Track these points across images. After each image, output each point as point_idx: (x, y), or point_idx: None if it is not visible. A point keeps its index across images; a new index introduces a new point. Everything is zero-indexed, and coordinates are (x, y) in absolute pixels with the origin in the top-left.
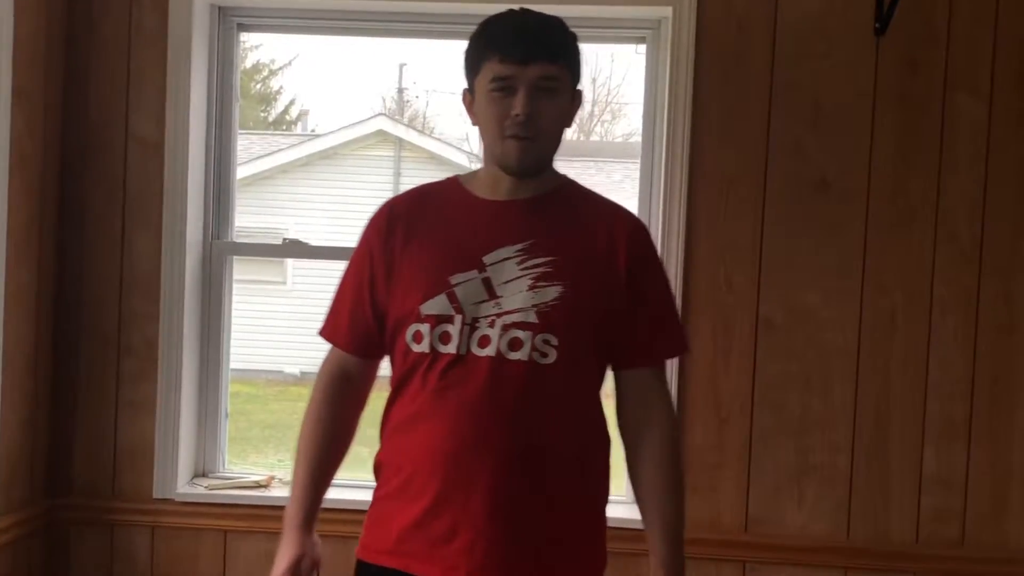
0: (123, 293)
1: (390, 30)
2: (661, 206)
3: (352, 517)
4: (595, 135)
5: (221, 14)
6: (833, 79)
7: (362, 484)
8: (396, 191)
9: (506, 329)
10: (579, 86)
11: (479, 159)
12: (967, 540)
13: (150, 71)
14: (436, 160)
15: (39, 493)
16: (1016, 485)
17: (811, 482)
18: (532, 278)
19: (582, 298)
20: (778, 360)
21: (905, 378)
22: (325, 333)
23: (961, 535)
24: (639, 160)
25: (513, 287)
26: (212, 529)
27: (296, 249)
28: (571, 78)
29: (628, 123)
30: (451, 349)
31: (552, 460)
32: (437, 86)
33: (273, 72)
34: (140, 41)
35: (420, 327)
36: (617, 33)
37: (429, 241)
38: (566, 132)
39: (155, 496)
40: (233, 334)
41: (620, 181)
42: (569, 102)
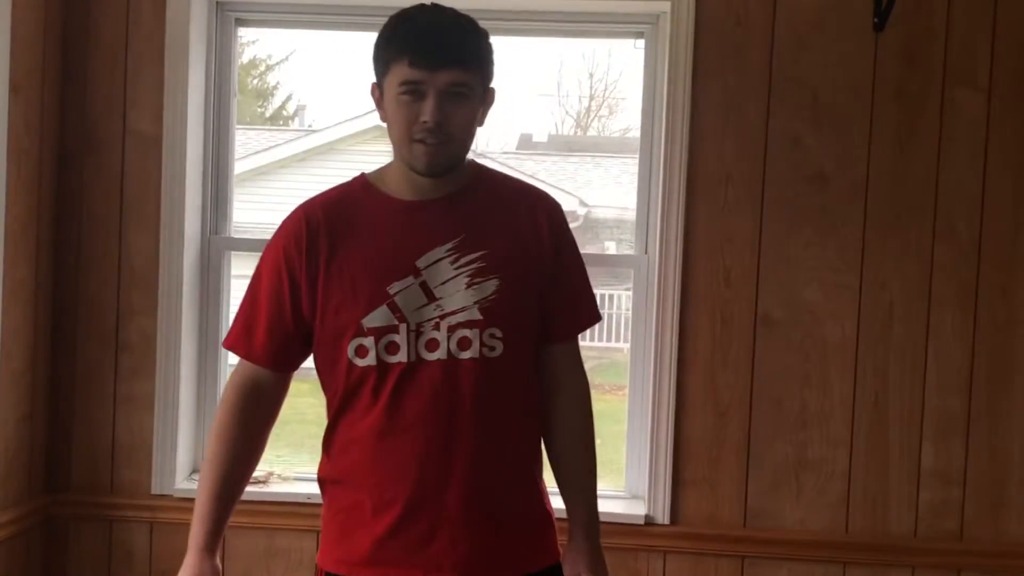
0: (121, 288)
1: None
2: (660, 201)
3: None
4: (592, 130)
5: (219, 9)
6: (832, 74)
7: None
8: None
9: (452, 330)
10: (491, 84)
11: (473, 153)
12: (966, 534)
13: (148, 66)
14: None
15: (37, 489)
16: (1014, 479)
17: (810, 476)
18: (468, 275)
19: (518, 287)
20: (777, 354)
21: (903, 372)
22: (237, 348)
23: (960, 529)
24: (637, 155)
25: (451, 287)
26: None
27: None
28: (482, 81)
29: (626, 118)
30: (401, 358)
31: (509, 444)
32: None
33: (270, 67)
34: (138, 36)
35: (363, 341)
36: (616, 28)
37: (357, 251)
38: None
39: (153, 492)
40: None
41: (617, 176)
42: (480, 105)
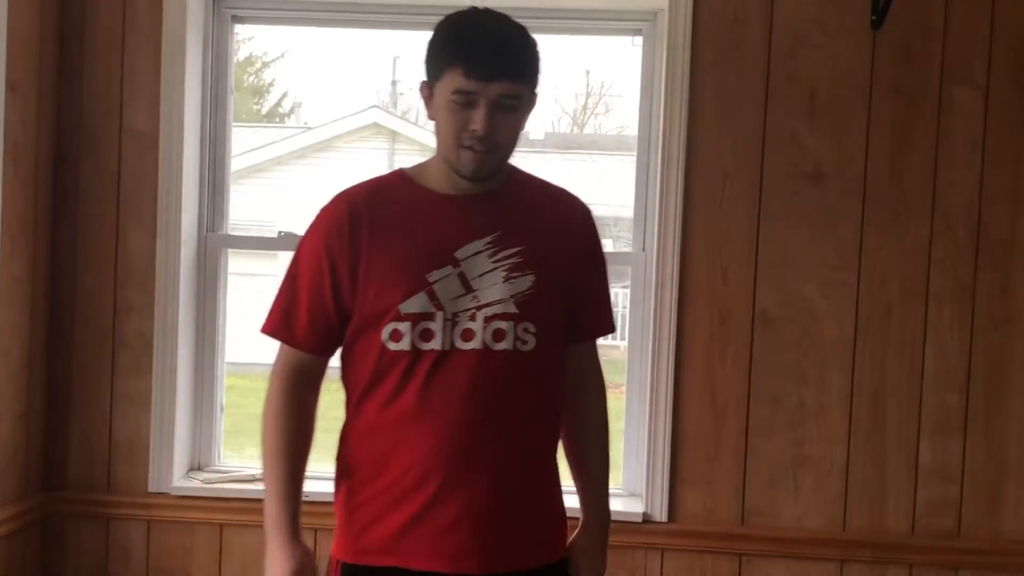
0: (118, 286)
1: (384, 22)
2: (657, 198)
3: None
4: (589, 127)
5: (215, 6)
6: (830, 71)
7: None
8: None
9: (488, 321)
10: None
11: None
12: (963, 531)
13: (144, 63)
14: (431, 152)
15: (34, 487)
16: (1011, 476)
17: (807, 474)
18: (505, 269)
19: (553, 284)
20: (774, 352)
21: (901, 369)
22: (277, 334)
23: (957, 526)
24: (634, 152)
25: (488, 279)
26: (208, 523)
27: (292, 242)
28: (531, 90)
29: (622, 115)
30: (435, 346)
31: (536, 437)
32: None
33: (266, 64)
34: (134, 33)
35: (399, 325)
36: (613, 25)
37: (397, 239)
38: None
39: (150, 490)
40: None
41: (614, 174)
42: (526, 115)
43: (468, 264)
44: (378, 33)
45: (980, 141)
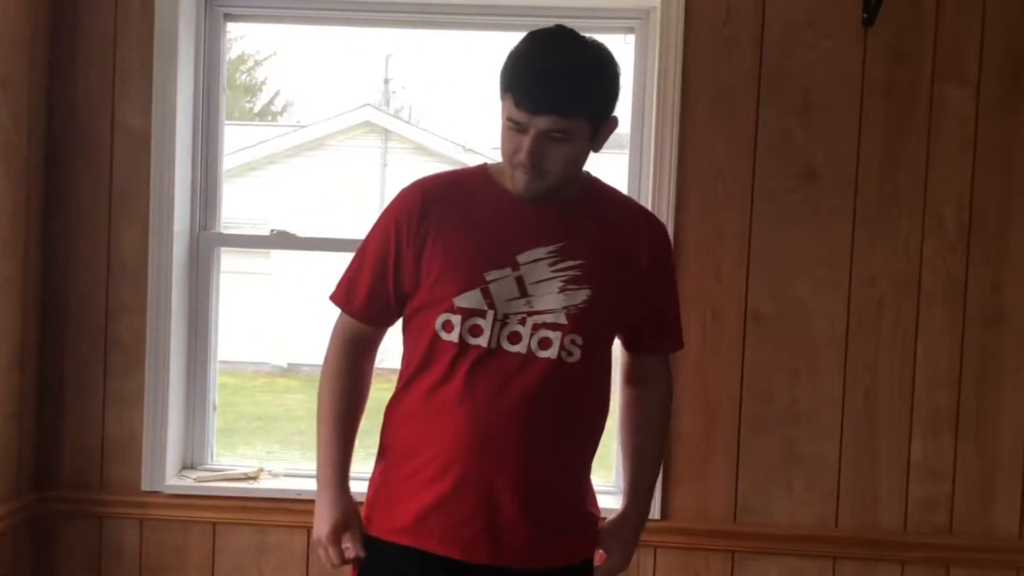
0: (110, 285)
1: (377, 20)
2: (650, 197)
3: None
4: None
5: (207, 4)
6: (821, 70)
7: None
8: (383, 182)
9: (536, 328)
10: (613, 113)
11: (464, 149)
12: (955, 528)
13: (136, 61)
14: (423, 150)
15: (26, 486)
16: (1003, 473)
17: (800, 471)
18: (563, 280)
19: (608, 301)
20: (767, 350)
21: (893, 368)
22: (339, 301)
23: (949, 523)
24: (626, 150)
25: (544, 288)
26: (201, 522)
27: (284, 240)
28: (590, 122)
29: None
30: (481, 342)
31: (566, 445)
32: (423, 77)
33: (258, 63)
34: (126, 30)
35: (451, 317)
36: (605, 24)
37: (463, 232)
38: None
39: (143, 489)
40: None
41: (607, 171)
42: (585, 143)
43: (527, 269)
44: (371, 31)
45: (971, 139)
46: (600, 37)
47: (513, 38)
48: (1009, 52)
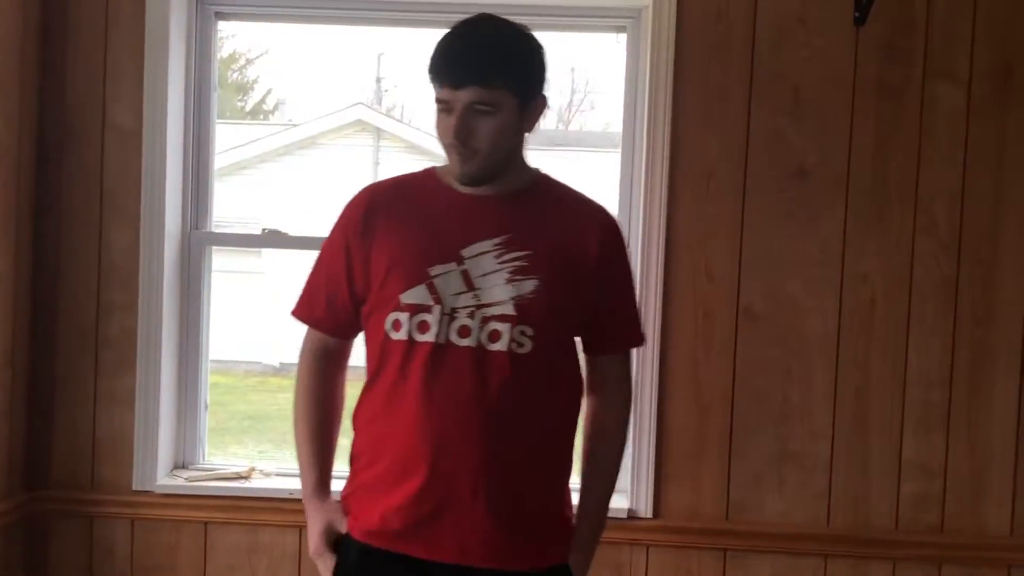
0: (101, 284)
1: (368, 18)
2: (642, 195)
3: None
4: (574, 124)
5: (198, 2)
6: (813, 68)
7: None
8: (376, 180)
9: (485, 321)
10: (544, 91)
11: None
12: (946, 526)
13: (127, 59)
14: (415, 149)
15: (17, 485)
16: (994, 471)
17: (792, 470)
18: (509, 271)
19: (556, 291)
20: (759, 348)
21: (885, 365)
22: (301, 315)
23: (940, 521)
24: (619, 150)
25: (491, 280)
26: (192, 521)
27: (276, 239)
28: (517, 94)
29: (608, 112)
30: (429, 338)
31: (532, 441)
32: (415, 75)
33: (250, 61)
34: (117, 29)
35: (399, 316)
36: (597, 22)
37: (409, 231)
38: (541, 124)
39: (134, 488)
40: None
41: (599, 171)
42: (513, 119)
43: (472, 263)
44: (362, 30)
45: (962, 137)
46: (592, 36)
47: None
48: (1000, 51)
